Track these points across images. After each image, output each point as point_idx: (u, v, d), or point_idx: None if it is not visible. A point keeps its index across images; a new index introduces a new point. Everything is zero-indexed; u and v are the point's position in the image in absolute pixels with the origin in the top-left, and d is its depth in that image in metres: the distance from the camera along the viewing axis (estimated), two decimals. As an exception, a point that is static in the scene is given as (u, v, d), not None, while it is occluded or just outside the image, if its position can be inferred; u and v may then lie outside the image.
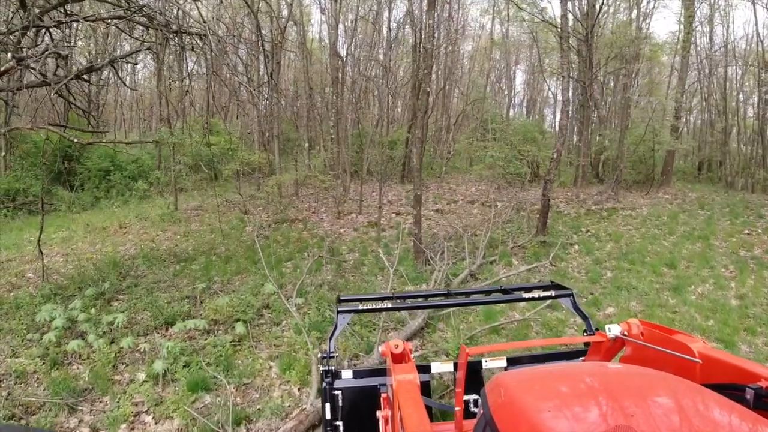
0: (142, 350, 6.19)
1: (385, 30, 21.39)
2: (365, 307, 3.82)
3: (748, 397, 2.04)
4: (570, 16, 15.06)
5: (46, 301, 7.68)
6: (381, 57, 21.67)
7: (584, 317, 3.68)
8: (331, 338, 3.64)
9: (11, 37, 6.93)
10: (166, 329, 7.05)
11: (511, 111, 29.58)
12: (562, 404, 1.73)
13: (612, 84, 22.99)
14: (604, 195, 16.86)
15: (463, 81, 28.87)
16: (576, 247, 11.47)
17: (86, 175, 18.86)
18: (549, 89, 28.95)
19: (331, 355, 3.52)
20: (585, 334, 3.61)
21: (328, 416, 3.44)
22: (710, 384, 2.01)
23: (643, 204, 16.11)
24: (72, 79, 6.94)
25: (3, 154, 16.14)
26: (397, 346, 3.04)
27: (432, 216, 14.68)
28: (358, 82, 21.26)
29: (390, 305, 3.98)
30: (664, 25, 62.19)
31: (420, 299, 5.05)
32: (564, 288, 3.88)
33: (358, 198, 15.91)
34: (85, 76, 7.92)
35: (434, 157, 23.29)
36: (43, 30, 7.44)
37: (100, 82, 23.25)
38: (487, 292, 4.51)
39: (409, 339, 6.70)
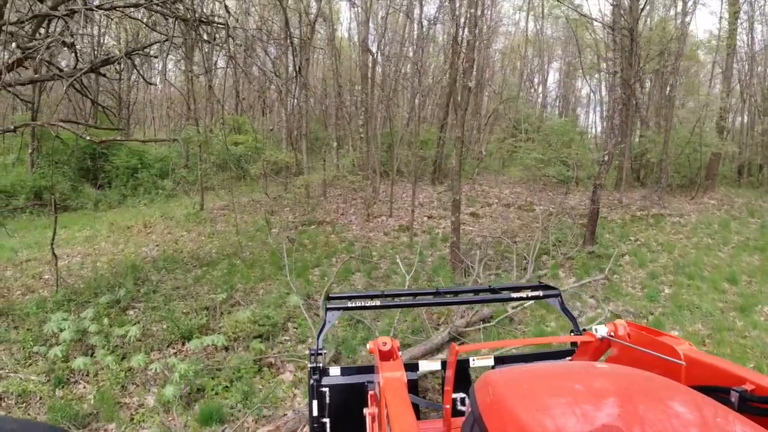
0: (154, 371, 5.62)
1: (416, 27, 20.66)
2: (354, 305, 3.85)
3: (733, 399, 2.04)
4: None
5: (58, 308, 7.20)
6: (411, 54, 20.95)
7: (571, 318, 3.71)
8: (319, 335, 3.61)
9: (25, 28, 6.49)
10: (182, 344, 6.49)
11: (544, 111, 28.50)
12: (550, 403, 1.72)
13: (649, 84, 21.83)
14: (648, 200, 15.84)
15: (495, 80, 27.89)
16: (627, 258, 10.48)
17: (114, 173, 18.69)
18: (588, 86, 27.64)
19: (319, 351, 3.49)
20: (572, 334, 3.62)
21: (315, 413, 3.40)
22: (695, 386, 1.98)
23: (690, 210, 15.06)
24: (87, 72, 6.47)
25: (30, 151, 15.99)
26: (385, 343, 2.96)
27: (467, 220, 13.84)
28: (388, 79, 20.56)
29: (379, 303, 3.97)
30: (701, 23, 59.81)
31: (410, 297, 4.98)
32: (552, 288, 3.90)
33: (388, 199, 15.20)
34: (101, 70, 7.47)
35: (466, 158, 22.43)
36: (58, 21, 7.01)
37: (130, 80, 23.26)
38: (476, 291, 4.58)
39: (429, 354, 6.18)
